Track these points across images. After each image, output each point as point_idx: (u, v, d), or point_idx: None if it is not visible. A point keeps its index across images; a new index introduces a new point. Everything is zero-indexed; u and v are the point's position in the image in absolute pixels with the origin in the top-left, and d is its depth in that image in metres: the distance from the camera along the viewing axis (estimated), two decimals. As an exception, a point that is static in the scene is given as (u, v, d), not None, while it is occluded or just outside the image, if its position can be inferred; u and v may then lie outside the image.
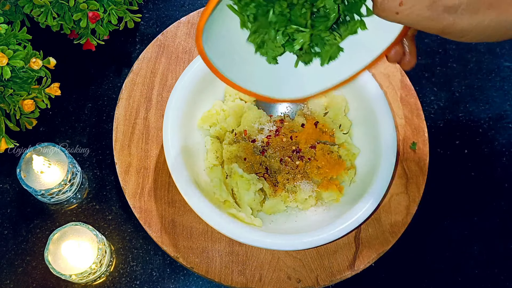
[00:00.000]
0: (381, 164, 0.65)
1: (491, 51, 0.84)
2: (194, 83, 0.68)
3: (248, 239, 0.61)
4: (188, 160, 0.66)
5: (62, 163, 0.69)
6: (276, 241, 0.61)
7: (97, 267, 0.65)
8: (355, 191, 0.67)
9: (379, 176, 0.64)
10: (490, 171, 0.77)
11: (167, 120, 0.66)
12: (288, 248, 0.61)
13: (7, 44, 0.65)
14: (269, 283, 0.67)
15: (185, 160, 0.65)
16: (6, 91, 0.67)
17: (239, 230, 0.61)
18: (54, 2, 0.70)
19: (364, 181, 0.67)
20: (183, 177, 0.63)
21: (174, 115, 0.66)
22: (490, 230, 0.75)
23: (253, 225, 0.64)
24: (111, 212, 0.72)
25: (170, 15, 0.83)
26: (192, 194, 0.62)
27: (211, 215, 0.62)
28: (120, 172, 0.70)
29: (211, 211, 0.62)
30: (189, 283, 0.70)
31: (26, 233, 0.71)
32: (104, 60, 0.80)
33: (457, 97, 0.81)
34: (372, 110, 0.68)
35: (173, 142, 0.65)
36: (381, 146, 0.66)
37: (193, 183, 0.63)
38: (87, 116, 0.77)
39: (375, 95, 0.68)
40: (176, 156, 0.64)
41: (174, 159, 0.64)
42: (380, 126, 0.67)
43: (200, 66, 0.67)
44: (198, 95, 0.69)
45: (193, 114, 0.70)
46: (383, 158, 0.65)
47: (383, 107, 0.67)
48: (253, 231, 0.62)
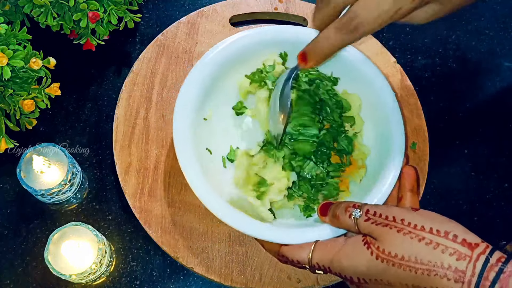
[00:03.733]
0: (389, 164, 0.63)
1: (491, 51, 0.84)
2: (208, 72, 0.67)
3: (255, 232, 0.60)
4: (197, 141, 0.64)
5: (62, 163, 0.69)
6: (282, 235, 0.60)
7: (97, 267, 0.65)
8: (361, 189, 0.67)
9: (385, 177, 0.63)
10: (490, 171, 0.77)
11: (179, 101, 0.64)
12: (293, 242, 0.59)
13: (7, 44, 0.65)
14: (269, 283, 0.67)
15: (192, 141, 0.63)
16: (6, 91, 0.67)
17: (244, 222, 0.60)
18: (54, 2, 0.70)
19: (370, 180, 0.66)
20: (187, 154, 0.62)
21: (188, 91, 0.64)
22: (490, 231, 0.75)
23: (263, 220, 0.63)
24: (111, 212, 0.72)
25: (170, 15, 0.83)
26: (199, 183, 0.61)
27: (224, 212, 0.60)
28: (120, 172, 0.70)
29: (221, 206, 0.61)
30: (189, 283, 0.70)
31: (26, 233, 0.71)
32: (104, 60, 0.80)
33: (457, 97, 0.81)
34: (385, 113, 0.67)
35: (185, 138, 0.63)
36: (390, 148, 0.65)
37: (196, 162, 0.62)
38: (87, 116, 0.77)
39: (390, 99, 0.67)
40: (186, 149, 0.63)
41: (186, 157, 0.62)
42: (391, 127, 0.66)
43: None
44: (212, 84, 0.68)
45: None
46: (391, 159, 0.64)
47: (395, 111, 0.66)
48: (260, 225, 0.61)
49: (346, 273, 0.53)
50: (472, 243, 0.47)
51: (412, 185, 0.60)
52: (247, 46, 0.68)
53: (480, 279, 0.45)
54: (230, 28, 0.79)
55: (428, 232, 0.48)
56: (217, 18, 0.79)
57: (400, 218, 0.51)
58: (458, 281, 0.46)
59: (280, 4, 0.81)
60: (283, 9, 0.80)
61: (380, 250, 0.50)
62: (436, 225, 0.49)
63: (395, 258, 0.49)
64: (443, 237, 0.48)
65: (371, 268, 0.50)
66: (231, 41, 0.67)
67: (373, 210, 0.53)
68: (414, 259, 0.48)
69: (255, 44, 0.68)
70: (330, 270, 0.54)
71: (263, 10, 0.80)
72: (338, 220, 0.56)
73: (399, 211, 0.52)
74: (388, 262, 0.49)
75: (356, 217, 0.54)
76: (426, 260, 0.47)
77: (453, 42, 0.84)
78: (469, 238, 0.48)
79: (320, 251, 0.56)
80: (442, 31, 0.84)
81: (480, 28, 0.85)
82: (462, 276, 0.46)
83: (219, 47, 0.67)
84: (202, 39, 0.78)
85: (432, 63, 0.82)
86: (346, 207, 0.55)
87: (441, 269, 0.47)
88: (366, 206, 0.54)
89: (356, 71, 0.68)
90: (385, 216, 0.52)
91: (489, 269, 0.45)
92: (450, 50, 0.83)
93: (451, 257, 0.47)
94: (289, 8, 0.80)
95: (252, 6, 0.80)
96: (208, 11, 0.79)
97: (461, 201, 0.76)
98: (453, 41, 0.84)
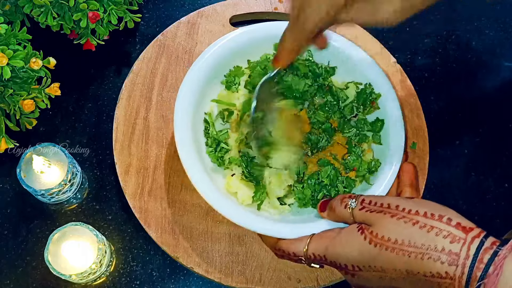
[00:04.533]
0: (387, 164, 0.64)
1: (491, 51, 0.84)
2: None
3: (255, 227, 0.60)
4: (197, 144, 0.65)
5: (62, 163, 0.69)
6: (280, 229, 0.60)
7: (97, 267, 0.65)
8: (361, 186, 0.67)
9: (385, 173, 0.63)
10: (490, 171, 0.77)
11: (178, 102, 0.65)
12: (291, 236, 0.60)
13: (7, 44, 0.65)
14: (269, 283, 0.67)
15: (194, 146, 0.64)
16: (6, 91, 0.67)
17: (245, 217, 0.61)
18: (54, 2, 0.70)
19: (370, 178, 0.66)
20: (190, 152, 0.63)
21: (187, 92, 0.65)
22: (491, 231, 0.74)
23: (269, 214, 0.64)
24: (111, 212, 0.72)
25: (170, 15, 0.83)
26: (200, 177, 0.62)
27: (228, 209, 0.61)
28: (120, 172, 0.70)
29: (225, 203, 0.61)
30: (189, 283, 0.70)
31: (26, 233, 0.71)
32: (104, 60, 0.80)
33: (457, 97, 0.81)
34: (384, 110, 0.67)
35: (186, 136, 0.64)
36: (389, 144, 0.65)
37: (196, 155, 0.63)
38: (87, 116, 0.77)
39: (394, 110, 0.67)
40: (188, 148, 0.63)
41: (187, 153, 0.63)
42: (390, 123, 0.66)
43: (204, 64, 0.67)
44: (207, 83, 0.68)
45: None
46: (390, 155, 0.64)
47: (395, 109, 0.67)
48: (259, 219, 0.61)
49: (340, 260, 0.53)
50: (467, 226, 0.47)
51: (411, 180, 0.61)
52: (246, 42, 0.69)
53: (475, 262, 0.45)
54: (230, 28, 0.79)
55: (422, 216, 0.48)
56: (217, 18, 0.79)
57: (395, 204, 0.51)
58: (452, 263, 0.45)
59: (280, 4, 0.81)
60: (283, 9, 0.80)
61: (374, 234, 0.50)
62: (431, 210, 0.49)
63: (388, 242, 0.49)
64: (437, 220, 0.48)
65: (364, 253, 0.50)
66: (231, 36, 0.68)
67: (369, 200, 0.54)
68: (407, 242, 0.48)
69: (255, 40, 0.69)
70: (325, 259, 0.54)
71: (263, 10, 0.80)
72: (334, 212, 0.56)
73: (394, 199, 0.52)
74: (381, 246, 0.49)
75: (351, 207, 0.54)
76: (419, 243, 0.47)
77: (453, 42, 0.84)
78: (464, 222, 0.47)
79: (315, 242, 0.56)
80: (442, 31, 0.84)
81: (480, 28, 0.85)
82: (456, 259, 0.45)
83: (219, 43, 0.68)
84: (202, 39, 0.78)
85: (432, 63, 0.82)
86: (342, 198, 0.56)
87: (434, 252, 0.46)
88: (361, 197, 0.55)
89: (358, 72, 0.69)
90: (380, 204, 0.52)
91: (484, 251, 0.45)
92: (450, 50, 0.83)
93: (445, 239, 0.46)
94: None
95: (252, 6, 0.80)
96: (208, 11, 0.79)
97: (461, 201, 0.76)
98: (453, 41, 0.84)
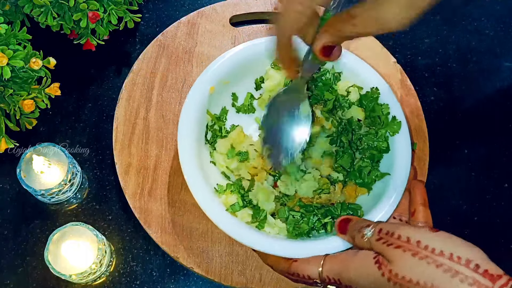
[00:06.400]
0: (396, 175, 0.62)
1: (491, 51, 0.84)
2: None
3: (264, 247, 0.58)
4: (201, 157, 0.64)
5: (62, 163, 0.69)
6: (290, 249, 0.58)
7: (97, 267, 0.65)
8: (369, 200, 0.64)
9: (393, 188, 0.61)
10: (490, 171, 0.77)
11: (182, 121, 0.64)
12: (303, 255, 0.58)
13: (7, 44, 0.65)
14: (269, 283, 0.67)
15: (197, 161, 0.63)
16: (6, 91, 0.67)
17: (252, 237, 0.59)
18: (54, 2, 0.70)
19: (379, 189, 0.64)
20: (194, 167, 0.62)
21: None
22: (490, 231, 0.75)
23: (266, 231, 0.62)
24: (111, 212, 0.72)
25: (170, 15, 0.83)
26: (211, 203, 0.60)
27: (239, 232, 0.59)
28: (120, 172, 0.70)
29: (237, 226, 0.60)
30: (189, 283, 0.70)
31: (26, 233, 0.71)
32: (104, 60, 0.80)
33: (457, 97, 0.81)
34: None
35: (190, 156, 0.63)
36: (396, 159, 0.63)
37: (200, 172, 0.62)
38: (87, 116, 0.77)
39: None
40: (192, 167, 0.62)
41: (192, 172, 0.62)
42: (396, 138, 0.64)
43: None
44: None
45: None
46: (398, 170, 0.62)
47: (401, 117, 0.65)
48: (268, 239, 0.59)
49: (354, 286, 0.51)
50: (495, 274, 0.44)
51: (423, 198, 0.57)
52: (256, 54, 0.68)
53: None
54: (230, 28, 0.79)
55: (447, 259, 0.45)
56: (217, 18, 0.79)
57: (416, 239, 0.48)
58: None
59: (280, 4, 0.81)
60: (283, 9, 0.80)
61: (393, 274, 0.47)
62: (457, 251, 0.46)
63: (409, 283, 0.46)
64: (464, 265, 0.45)
65: (380, 287, 0.49)
66: (243, 47, 0.67)
67: (386, 229, 0.50)
68: (430, 285, 0.45)
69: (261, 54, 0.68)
70: (340, 282, 0.53)
71: (263, 10, 0.80)
72: (354, 241, 0.54)
73: (414, 231, 0.49)
74: (402, 286, 0.47)
75: (367, 236, 0.52)
76: None
77: (453, 42, 0.84)
78: (492, 270, 0.44)
79: (330, 264, 0.54)
80: (442, 31, 0.84)
81: (480, 28, 0.85)
82: None
83: (227, 54, 0.67)
84: (202, 39, 0.78)
85: (432, 63, 0.82)
86: (360, 228, 0.53)
87: None
88: (379, 225, 0.51)
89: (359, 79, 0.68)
90: (397, 236, 0.49)
91: None
92: (450, 50, 0.83)
93: (470, 287, 0.44)
94: (289, 8, 0.80)
95: (252, 6, 0.80)
96: (208, 11, 0.79)
97: (461, 201, 0.76)
98: (453, 41, 0.84)
